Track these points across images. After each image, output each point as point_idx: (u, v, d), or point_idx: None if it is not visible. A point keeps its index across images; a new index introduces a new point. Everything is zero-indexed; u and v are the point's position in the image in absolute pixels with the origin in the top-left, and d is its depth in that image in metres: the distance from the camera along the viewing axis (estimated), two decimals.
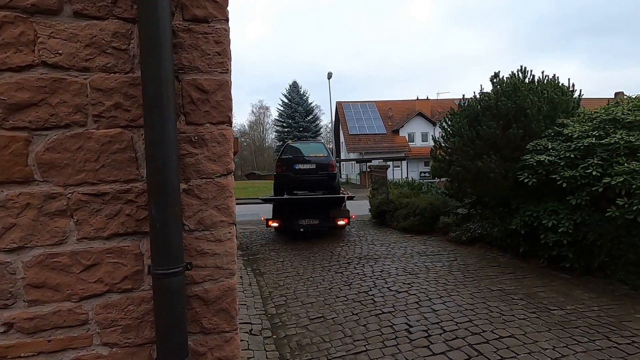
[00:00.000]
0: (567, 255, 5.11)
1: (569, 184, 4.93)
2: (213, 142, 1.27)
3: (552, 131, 5.89)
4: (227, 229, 1.30)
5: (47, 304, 1.15)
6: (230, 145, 1.31)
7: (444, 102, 38.73)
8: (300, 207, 8.25)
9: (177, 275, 1.14)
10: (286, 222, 8.20)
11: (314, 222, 8.13)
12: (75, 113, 1.15)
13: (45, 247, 1.15)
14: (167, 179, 1.12)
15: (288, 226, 8.29)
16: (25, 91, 1.11)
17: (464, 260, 6.22)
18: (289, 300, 4.56)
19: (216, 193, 1.28)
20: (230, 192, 1.30)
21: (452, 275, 5.26)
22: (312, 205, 8.31)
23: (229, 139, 1.30)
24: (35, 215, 1.13)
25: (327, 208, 8.51)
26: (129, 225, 1.21)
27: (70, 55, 1.14)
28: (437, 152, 8.42)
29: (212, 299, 1.28)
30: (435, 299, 4.27)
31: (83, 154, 1.16)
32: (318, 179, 8.35)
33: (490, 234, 7.02)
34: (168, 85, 1.12)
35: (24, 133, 1.12)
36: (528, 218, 5.60)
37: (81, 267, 1.17)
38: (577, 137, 5.18)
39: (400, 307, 4.10)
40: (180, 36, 1.22)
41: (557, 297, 4.23)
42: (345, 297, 4.54)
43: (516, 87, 6.34)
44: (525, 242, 5.95)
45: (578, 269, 5.10)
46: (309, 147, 9.15)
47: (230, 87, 1.29)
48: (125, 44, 1.19)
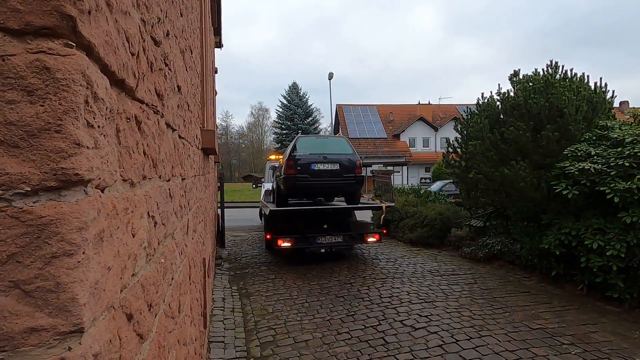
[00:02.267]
0: (616, 283, 4.24)
1: (621, 198, 4.06)
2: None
3: (593, 135, 5.03)
4: None
5: None
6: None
7: (446, 108, 38.02)
8: (318, 221, 6.59)
9: None
10: (301, 241, 6.17)
11: (336, 240, 6.31)
12: None
13: None
14: None
15: (304, 247, 6.24)
16: None
17: (485, 283, 5.32)
18: (279, 336, 3.65)
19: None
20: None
21: (477, 305, 4.36)
22: (331, 218, 6.75)
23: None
24: None
25: (348, 220, 7.11)
26: None
27: None
28: (449, 156, 7.55)
29: None
30: (464, 342, 3.37)
31: None
32: (343, 183, 6.40)
33: (513, 251, 6.13)
34: None
35: None
36: (565, 236, 4.72)
37: None
38: (630, 141, 4.32)
39: (420, 352, 3.21)
40: None
41: (615, 342, 3.35)
42: (348, 334, 3.63)
43: (549, 83, 5.49)
44: (558, 264, 5.08)
45: (629, 301, 4.22)
46: (328, 143, 7.02)
47: None
48: None
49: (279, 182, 6.81)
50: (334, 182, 6.34)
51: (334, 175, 6.32)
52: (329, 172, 6.28)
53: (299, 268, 6.24)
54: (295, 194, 6.81)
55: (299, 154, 6.31)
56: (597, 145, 4.78)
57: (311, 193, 6.98)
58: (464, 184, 7.00)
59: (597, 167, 4.32)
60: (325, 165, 6.29)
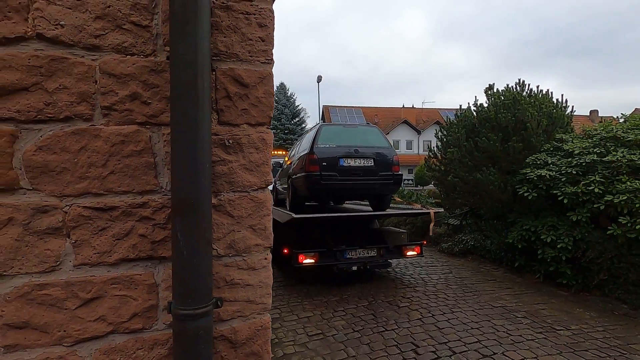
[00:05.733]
0: (565, 271, 5.07)
1: (569, 200, 4.89)
2: (250, 147, 1.03)
3: (550, 146, 5.89)
4: (263, 255, 1.07)
5: (31, 350, 0.88)
6: (270, 152, 1.08)
7: (429, 112, 39.37)
8: (346, 230, 5.67)
9: (205, 317, 0.89)
10: (327, 256, 5.06)
11: (370, 255, 5.24)
12: (78, 103, 0.90)
13: (32, 275, 0.88)
14: (199, 193, 0.87)
15: (331, 263, 5.07)
16: (13, 71, 0.85)
17: (459, 273, 6.10)
18: (284, 314, 4.29)
19: (252, 210, 1.04)
20: (268, 209, 1.07)
21: (451, 289, 5.12)
22: (359, 227, 5.85)
23: (269, 144, 1.07)
24: (19, 234, 0.87)
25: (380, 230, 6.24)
26: (142, 249, 0.95)
27: (76, 29, 0.89)
28: (431, 161, 8.35)
29: (241, 341, 1.04)
30: (438, 316, 4.11)
31: (87, 157, 0.90)
32: (379, 183, 5.20)
33: (484, 246, 6.96)
34: (204, 74, 0.88)
35: (9, 126, 0.85)
36: (525, 232, 5.55)
37: (78, 302, 0.91)
38: (578, 153, 5.17)
39: (403, 324, 3.91)
40: (217, 14, 0.99)
41: (559, 316, 4.15)
42: (344, 312, 4.31)
43: (516, 100, 6.33)
44: (521, 256, 5.91)
45: (575, 286, 5.06)
46: (357, 133, 5.73)
47: (273, 81, 1.06)
48: (148, 19, 0.94)
49: (294, 181, 5.52)
50: (367, 181, 5.15)
51: (368, 173, 5.14)
52: (362, 170, 5.11)
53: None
54: (318, 196, 5.65)
55: (323, 146, 5.10)
56: (553, 155, 5.63)
57: (339, 195, 5.93)
58: (443, 186, 7.80)
59: (551, 174, 5.15)
60: (357, 160, 5.13)
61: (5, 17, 0.84)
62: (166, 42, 0.95)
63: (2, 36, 0.84)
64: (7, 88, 0.84)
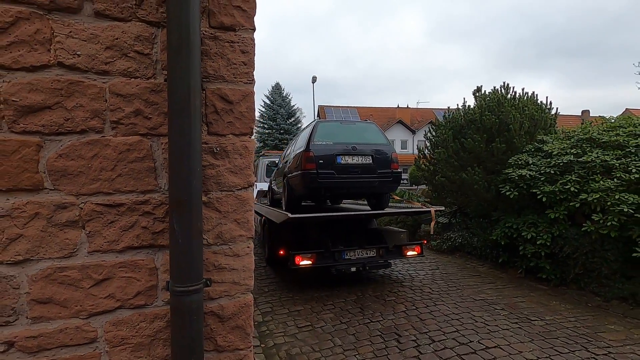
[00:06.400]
0: (544, 266, 5.32)
1: (548, 198, 5.14)
2: (235, 154, 1.23)
3: (532, 147, 6.14)
4: (246, 244, 1.26)
5: (53, 321, 1.08)
6: (252, 157, 1.28)
7: (423, 112, 39.72)
8: (343, 230, 5.56)
9: (197, 293, 1.09)
10: (325, 257, 4.94)
11: (369, 255, 5.14)
12: (92, 118, 1.09)
13: (54, 260, 1.07)
14: (191, 192, 1.07)
15: (329, 264, 4.94)
16: (39, 93, 1.04)
17: (446, 269, 6.34)
18: (276, 308, 4.48)
19: (236, 206, 1.24)
20: (250, 205, 1.27)
21: (436, 284, 5.35)
22: (357, 226, 5.74)
23: (251, 151, 1.27)
24: (43, 226, 1.06)
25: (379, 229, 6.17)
26: (145, 239, 1.15)
27: (89, 57, 1.08)
28: (420, 161, 8.59)
29: (227, 316, 1.24)
30: (422, 308, 4.33)
31: (99, 162, 1.10)
32: (378, 181, 5.06)
33: (471, 243, 7.21)
34: (196, 94, 1.08)
35: (36, 138, 1.05)
36: (508, 229, 5.80)
37: (92, 282, 1.10)
38: (556, 154, 5.42)
39: (388, 315, 4.13)
40: (206, 43, 1.18)
41: (536, 308, 4.39)
42: (333, 305, 4.52)
43: (500, 103, 6.57)
44: (504, 252, 6.15)
45: (554, 280, 5.31)
46: (355, 130, 5.55)
47: (254, 98, 1.26)
48: (148, 48, 1.14)
49: (290, 180, 5.41)
50: (366, 179, 5.02)
51: (367, 171, 5.02)
52: (360, 167, 4.99)
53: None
54: (315, 195, 5.53)
55: (320, 144, 4.96)
56: (534, 156, 5.88)
57: (337, 194, 5.80)
58: (432, 186, 8.05)
59: (531, 174, 5.39)
60: (355, 158, 5.00)
61: (32, 49, 1.04)
62: (164, 67, 1.15)
63: (30, 64, 1.03)
64: (35, 107, 1.03)
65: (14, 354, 1.05)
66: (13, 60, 1.02)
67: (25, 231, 1.04)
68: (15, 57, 1.02)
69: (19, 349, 1.05)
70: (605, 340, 3.49)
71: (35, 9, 1.03)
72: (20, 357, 1.05)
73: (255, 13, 1.25)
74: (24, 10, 1.03)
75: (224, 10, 1.20)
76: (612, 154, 4.91)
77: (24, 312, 1.05)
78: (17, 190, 1.04)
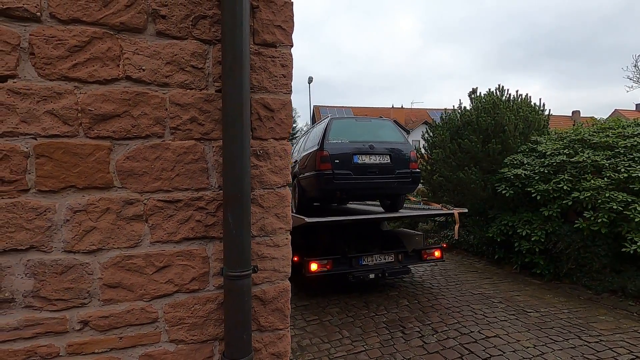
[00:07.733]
0: (539, 262, 5.55)
1: (542, 196, 5.37)
2: (275, 156, 1.39)
3: (526, 147, 6.37)
4: (285, 235, 1.42)
5: (121, 303, 1.23)
6: (289, 159, 1.44)
7: (418, 112, 40.06)
8: (360, 234, 5.32)
9: (247, 277, 1.25)
10: (342, 263, 4.68)
11: (387, 260, 4.86)
12: (154, 125, 1.24)
13: (122, 249, 1.22)
14: (243, 189, 1.23)
15: (346, 271, 4.67)
16: (110, 103, 1.19)
17: (444, 266, 6.55)
18: None
19: (276, 202, 1.40)
20: (288, 201, 1.43)
21: (436, 280, 5.55)
22: (372, 230, 5.49)
23: (289, 153, 1.43)
24: (113, 220, 1.21)
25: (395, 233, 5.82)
26: (198, 231, 1.30)
27: (152, 71, 1.23)
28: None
29: (269, 299, 1.40)
30: (424, 301, 4.52)
31: (160, 164, 1.25)
32: (397, 181, 4.79)
33: (468, 241, 7.43)
34: (247, 103, 1.24)
35: (107, 142, 1.19)
36: (504, 227, 6.02)
37: (154, 269, 1.25)
38: (550, 154, 5.66)
39: (391, 308, 4.31)
40: (252, 59, 1.34)
41: (531, 301, 4.60)
42: (338, 300, 4.69)
43: (495, 104, 6.80)
44: (500, 249, 6.38)
45: (548, 275, 5.54)
46: (371, 127, 5.34)
47: (292, 106, 1.42)
48: (202, 63, 1.29)
49: (301, 181, 5.22)
50: (384, 180, 4.76)
51: (385, 171, 4.75)
52: (378, 167, 4.72)
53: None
54: (330, 196, 5.26)
55: (335, 142, 4.69)
56: (528, 156, 6.11)
57: (354, 195, 5.51)
58: (430, 185, 8.26)
59: (526, 173, 5.62)
60: (373, 157, 4.74)
61: (105, 64, 1.18)
62: (215, 79, 1.30)
63: (103, 78, 1.18)
64: (107, 115, 1.18)
65: (88, 331, 1.20)
66: (89, 74, 1.17)
67: (98, 224, 1.19)
68: (90, 72, 1.17)
69: (93, 327, 1.20)
70: (597, 329, 3.71)
71: (107, 30, 1.18)
72: (93, 335, 1.20)
73: (293, 31, 1.41)
74: (98, 30, 1.18)
75: (267, 29, 1.36)
76: (603, 154, 5.15)
77: (97, 295, 1.20)
78: (91, 188, 1.18)
